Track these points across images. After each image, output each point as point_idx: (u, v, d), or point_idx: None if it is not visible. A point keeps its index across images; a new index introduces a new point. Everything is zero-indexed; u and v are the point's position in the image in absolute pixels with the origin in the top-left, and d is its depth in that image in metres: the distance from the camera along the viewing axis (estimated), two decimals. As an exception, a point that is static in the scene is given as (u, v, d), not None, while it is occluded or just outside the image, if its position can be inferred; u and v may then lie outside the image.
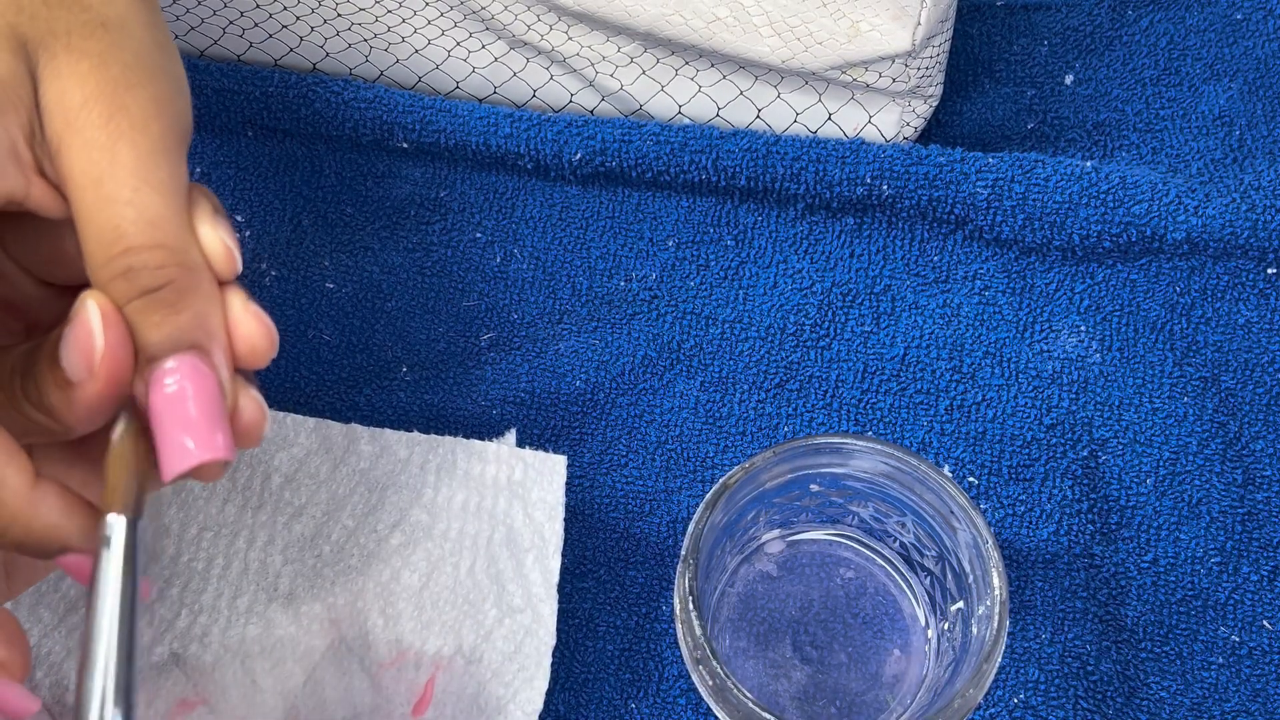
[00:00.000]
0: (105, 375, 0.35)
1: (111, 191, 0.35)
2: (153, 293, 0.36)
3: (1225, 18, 0.63)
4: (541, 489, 0.50)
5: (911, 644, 0.49)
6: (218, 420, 0.36)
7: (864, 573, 0.50)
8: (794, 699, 0.48)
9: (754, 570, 0.51)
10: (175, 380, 0.36)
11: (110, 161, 0.36)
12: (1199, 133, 0.60)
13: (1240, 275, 0.56)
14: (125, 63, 0.37)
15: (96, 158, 0.36)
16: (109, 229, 0.35)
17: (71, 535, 0.37)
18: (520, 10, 0.57)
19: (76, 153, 0.36)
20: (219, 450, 0.36)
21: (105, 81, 0.36)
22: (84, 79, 0.36)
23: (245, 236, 0.58)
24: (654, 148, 0.57)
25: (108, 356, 0.35)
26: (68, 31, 0.36)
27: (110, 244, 0.35)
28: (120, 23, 0.37)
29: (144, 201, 0.36)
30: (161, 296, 0.36)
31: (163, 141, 0.37)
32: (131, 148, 0.36)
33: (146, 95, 0.37)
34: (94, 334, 0.35)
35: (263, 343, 0.38)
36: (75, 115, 0.36)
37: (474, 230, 0.58)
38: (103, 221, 0.35)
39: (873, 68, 0.56)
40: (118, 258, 0.35)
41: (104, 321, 0.35)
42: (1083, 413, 0.54)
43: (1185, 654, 0.50)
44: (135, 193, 0.36)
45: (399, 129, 0.58)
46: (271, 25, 0.60)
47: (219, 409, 0.37)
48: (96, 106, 0.36)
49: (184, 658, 0.48)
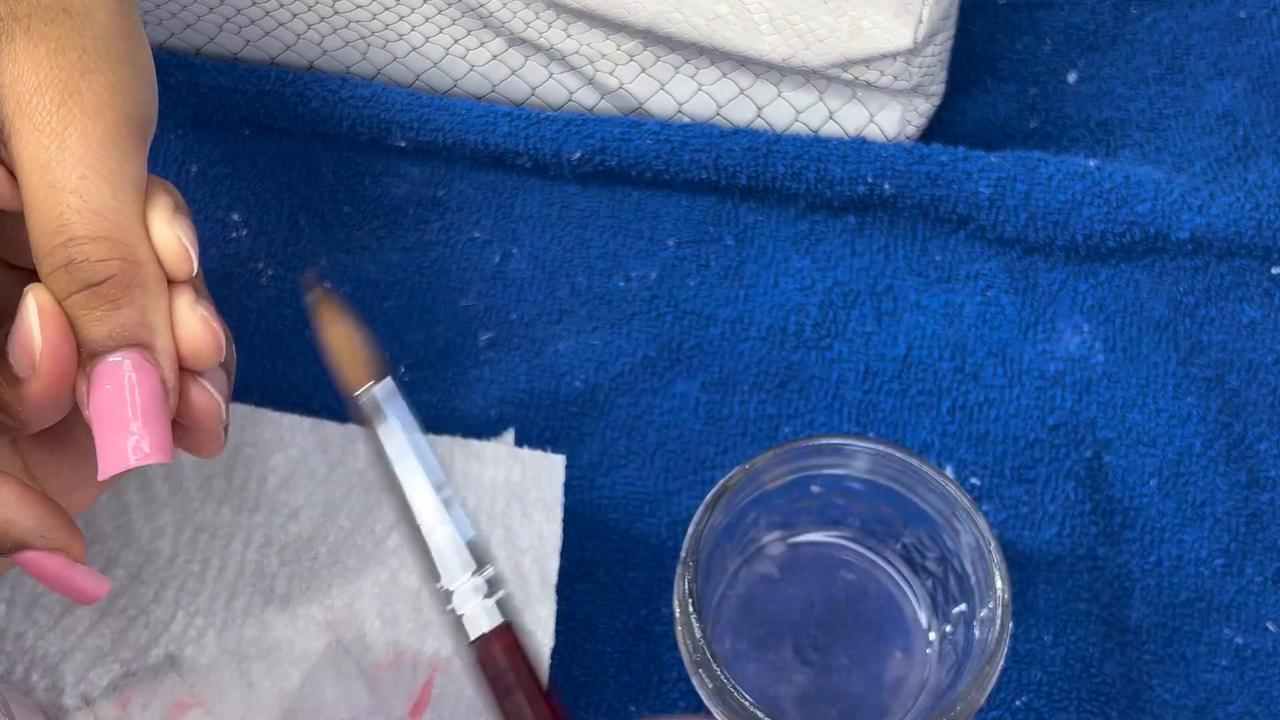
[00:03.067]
0: (47, 372, 0.35)
1: (58, 179, 0.35)
2: (94, 286, 0.35)
3: (1230, 15, 0.62)
4: (540, 489, 0.50)
5: (913, 647, 0.49)
6: (156, 421, 0.36)
7: (865, 575, 0.50)
8: (795, 702, 0.48)
9: (754, 572, 0.50)
10: (115, 378, 0.35)
11: (59, 148, 0.35)
12: (1203, 131, 0.60)
13: (1245, 275, 0.55)
14: (84, 48, 0.36)
15: (45, 143, 0.35)
16: (53, 218, 0.35)
17: (27, 532, 0.36)
18: (519, 7, 0.57)
19: (26, 138, 0.35)
20: (156, 454, 0.35)
21: (60, 67, 0.35)
22: (39, 64, 0.35)
23: (242, 235, 0.58)
24: (654, 146, 0.57)
25: (48, 354, 0.35)
26: (29, 15, 0.36)
27: (53, 233, 0.35)
28: (83, 9, 0.37)
29: (90, 190, 0.35)
30: (103, 290, 0.35)
31: (116, 130, 0.36)
32: (82, 135, 0.35)
33: (103, 82, 0.36)
34: (33, 330, 0.35)
35: (207, 346, 0.37)
36: (28, 100, 0.35)
37: (472, 229, 0.58)
38: (47, 209, 0.35)
39: (874, 65, 0.56)
40: (59, 248, 0.35)
41: (42, 317, 0.35)
42: (1086, 413, 0.54)
43: (1189, 656, 0.50)
44: (82, 181, 0.35)
45: (397, 127, 0.58)
46: (268, 23, 0.60)
47: (160, 409, 0.36)
48: (49, 92, 0.35)
49: (180, 659, 0.48)
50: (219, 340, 0.38)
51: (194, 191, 0.58)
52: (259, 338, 0.56)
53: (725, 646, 0.49)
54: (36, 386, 0.35)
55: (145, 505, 0.50)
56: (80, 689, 0.47)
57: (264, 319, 0.56)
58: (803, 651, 0.49)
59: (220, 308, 0.39)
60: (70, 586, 0.38)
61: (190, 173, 0.59)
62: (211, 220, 0.58)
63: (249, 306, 0.56)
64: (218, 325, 0.38)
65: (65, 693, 0.47)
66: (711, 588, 0.49)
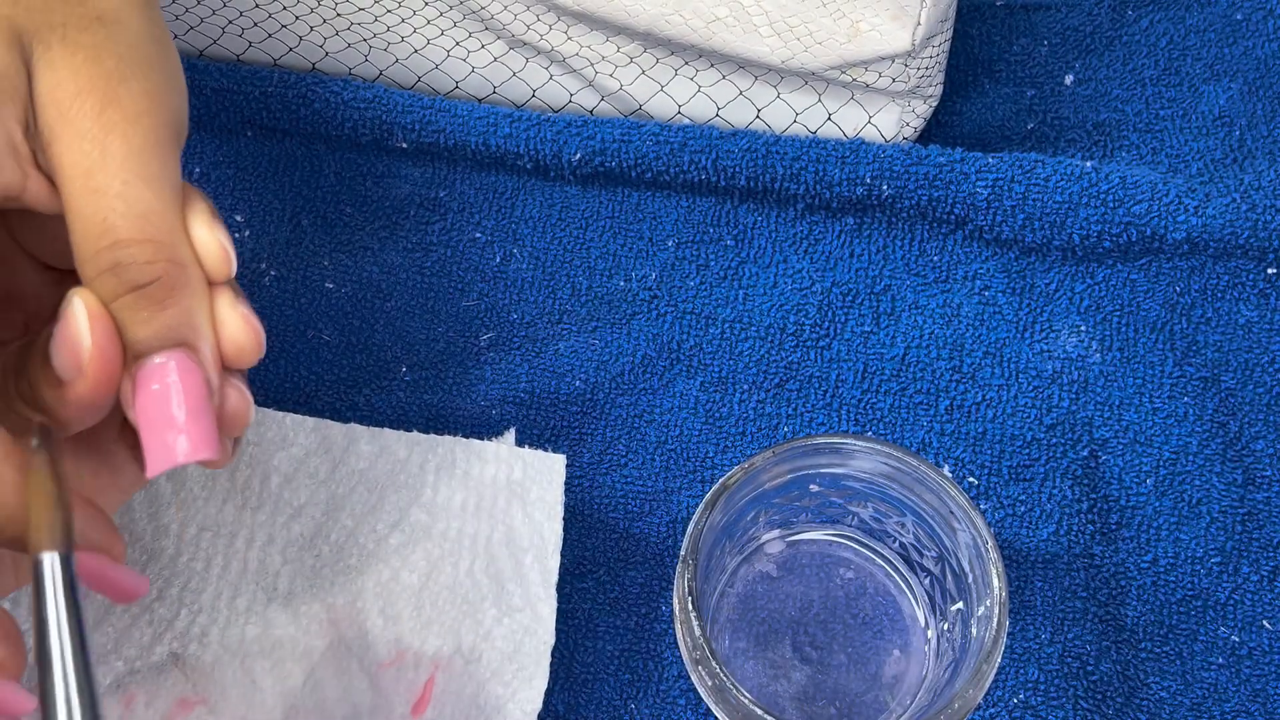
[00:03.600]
0: (94, 374, 0.35)
1: (101, 184, 0.35)
2: (141, 288, 0.35)
3: (1225, 18, 0.63)
4: (541, 488, 0.50)
5: (911, 644, 0.49)
6: (204, 419, 0.36)
7: (864, 573, 0.50)
8: (793, 699, 0.48)
9: (754, 570, 0.50)
10: (162, 378, 0.36)
11: (101, 154, 0.35)
12: (1199, 133, 0.60)
13: (1240, 275, 0.56)
14: (120, 56, 0.36)
15: (87, 149, 0.35)
16: (97, 221, 0.35)
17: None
18: (520, 10, 0.57)
19: (67, 144, 0.35)
20: (204, 450, 0.36)
21: (99, 75, 0.36)
22: (77, 71, 0.36)
23: (244, 236, 0.58)
24: (653, 148, 0.57)
25: (96, 356, 0.35)
26: (64, 24, 0.36)
27: (98, 237, 0.35)
28: (116, 17, 0.37)
29: (134, 195, 0.35)
30: (149, 292, 0.36)
31: (155, 135, 0.36)
32: (123, 141, 0.36)
33: (140, 89, 0.36)
34: (81, 333, 0.35)
35: (249, 344, 0.38)
36: (68, 107, 0.35)
37: (473, 230, 0.58)
38: (91, 214, 0.35)
39: (872, 68, 0.56)
40: (105, 251, 0.35)
41: (91, 320, 0.35)
42: (1083, 413, 0.54)
43: (1185, 654, 0.50)
44: (125, 185, 0.35)
45: (398, 129, 0.58)
46: (271, 25, 0.60)
47: (206, 407, 0.36)
48: (89, 99, 0.36)
49: (183, 657, 0.48)
50: (260, 337, 0.38)
51: (197, 193, 0.59)
52: (262, 338, 0.56)
53: (725, 644, 0.49)
54: (82, 388, 0.35)
55: (149, 504, 0.50)
56: (84, 686, 0.47)
57: (267, 319, 0.56)
58: (801, 649, 0.49)
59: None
60: (111, 586, 0.38)
61: (193, 174, 0.59)
62: (214, 221, 0.58)
63: (252, 307, 0.57)
64: (258, 324, 0.38)
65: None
66: (711, 586, 0.49)
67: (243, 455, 0.51)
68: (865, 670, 0.49)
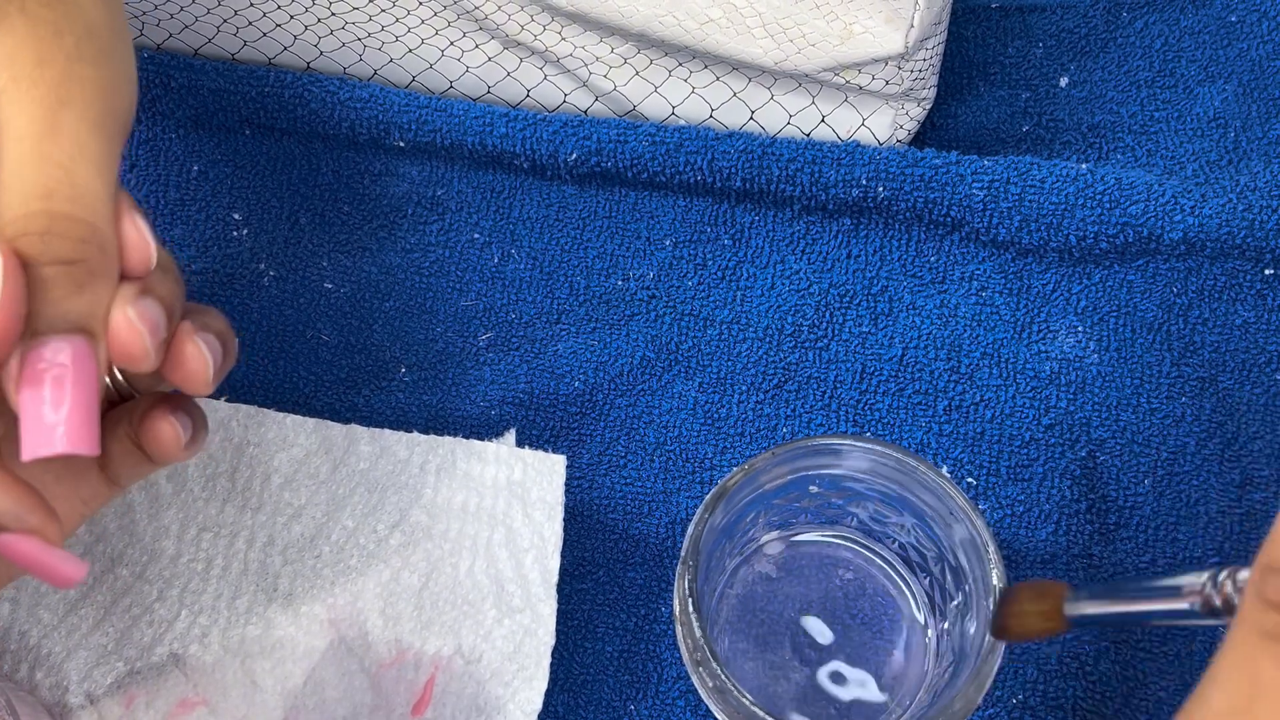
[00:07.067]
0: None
1: (48, 152, 0.35)
2: (66, 265, 0.34)
3: (1220, 20, 0.63)
4: (541, 489, 0.50)
5: (911, 645, 0.49)
6: (89, 412, 0.35)
7: (863, 574, 0.51)
8: (793, 700, 0.49)
9: (753, 571, 0.51)
10: (55, 360, 0.35)
11: (52, 125, 0.35)
12: (1194, 134, 0.60)
13: (1237, 276, 0.56)
14: (79, 36, 0.36)
15: (39, 115, 0.35)
16: (37, 183, 0.34)
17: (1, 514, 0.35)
18: (514, 10, 0.57)
19: (22, 107, 0.35)
20: (83, 444, 0.35)
21: (59, 50, 0.36)
22: (40, 41, 0.35)
23: (243, 235, 0.58)
24: (649, 148, 0.57)
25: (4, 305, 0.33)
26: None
27: (34, 197, 0.34)
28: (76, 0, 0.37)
29: (79, 172, 0.35)
30: (72, 272, 0.34)
31: (102, 123, 0.36)
32: (78, 118, 0.35)
33: (95, 74, 0.36)
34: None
35: (136, 349, 0.36)
36: (29, 71, 0.35)
37: (471, 230, 0.58)
38: (32, 175, 0.34)
39: (866, 70, 0.56)
40: (39, 215, 0.34)
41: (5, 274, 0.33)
42: (1081, 413, 0.54)
43: (1183, 654, 0.50)
44: (72, 161, 0.35)
45: (395, 128, 0.58)
46: (265, 24, 0.60)
47: (94, 401, 0.35)
48: (50, 69, 0.35)
49: (184, 658, 0.48)
50: (145, 346, 0.36)
51: (195, 191, 0.59)
52: (261, 338, 0.56)
53: (725, 645, 0.49)
54: None
55: (149, 504, 0.50)
56: (84, 687, 0.47)
57: (266, 319, 0.56)
58: (801, 650, 0.49)
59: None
60: (47, 569, 0.37)
61: (191, 173, 0.59)
62: (213, 220, 0.58)
63: (251, 307, 0.57)
64: (145, 330, 0.37)
65: (69, 691, 0.47)
66: (711, 587, 0.49)
67: (243, 456, 0.51)
68: (865, 671, 0.49)
